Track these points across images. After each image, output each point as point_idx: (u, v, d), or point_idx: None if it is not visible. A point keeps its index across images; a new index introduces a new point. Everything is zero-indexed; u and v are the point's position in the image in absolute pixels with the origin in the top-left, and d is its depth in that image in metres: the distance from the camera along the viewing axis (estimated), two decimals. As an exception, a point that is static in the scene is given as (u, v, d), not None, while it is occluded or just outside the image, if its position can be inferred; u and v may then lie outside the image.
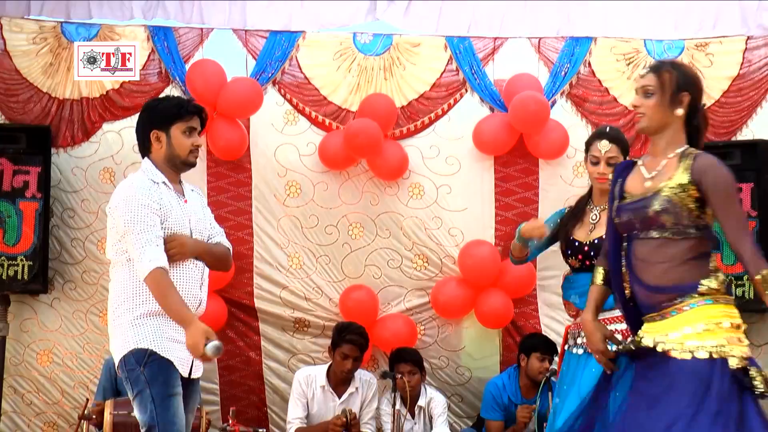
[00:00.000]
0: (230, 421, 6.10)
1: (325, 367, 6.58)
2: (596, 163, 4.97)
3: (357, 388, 6.55)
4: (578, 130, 7.03)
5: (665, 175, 3.87)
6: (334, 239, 7.04)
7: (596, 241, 4.94)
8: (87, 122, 6.93)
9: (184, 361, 4.18)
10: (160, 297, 4.07)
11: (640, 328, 3.91)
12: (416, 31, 7.11)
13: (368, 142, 6.79)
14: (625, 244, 3.93)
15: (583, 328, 4.19)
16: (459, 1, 7.01)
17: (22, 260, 6.70)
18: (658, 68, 3.94)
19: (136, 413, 4.14)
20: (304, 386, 6.51)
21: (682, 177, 3.82)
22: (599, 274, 4.06)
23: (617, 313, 4.77)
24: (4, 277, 6.67)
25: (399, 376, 6.26)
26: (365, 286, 7.00)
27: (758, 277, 3.66)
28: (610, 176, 4.82)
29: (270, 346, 7.02)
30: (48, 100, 6.92)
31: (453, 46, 7.07)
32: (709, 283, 3.81)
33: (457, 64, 7.06)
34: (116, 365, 4.18)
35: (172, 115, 4.23)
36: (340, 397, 6.51)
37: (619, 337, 4.53)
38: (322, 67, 7.07)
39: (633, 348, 3.87)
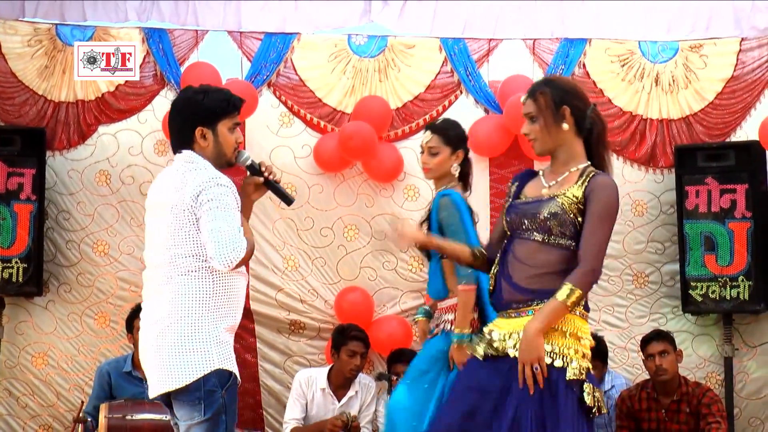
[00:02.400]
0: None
1: (326, 369, 6.58)
2: (422, 153, 5.25)
3: (357, 392, 6.55)
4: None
5: (564, 185, 3.96)
6: (330, 241, 7.05)
7: None
8: (83, 125, 6.92)
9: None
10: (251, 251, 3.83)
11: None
12: (411, 32, 7.11)
13: (363, 145, 6.79)
14: (506, 241, 4.03)
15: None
16: (453, 3, 7.02)
17: (16, 262, 6.69)
18: (533, 92, 4.02)
19: None
20: (304, 387, 6.51)
21: (577, 190, 3.91)
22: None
23: (448, 303, 5.12)
24: (-2, 279, 6.67)
25: (395, 377, 6.26)
26: (360, 287, 7.00)
27: (575, 290, 3.75)
28: (432, 166, 5.19)
29: (265, 348, 7.02)
30: (44, 103, 6.91)
31: (447, 47, 7.07)
32: None
33: (452, 66, 7.07)
34: (185, 384, 3.71)
35: (220, 111, 3.89)
36: (339, 401, 6.51)
37: (448, 326, 5.07)
38: (317, 69, 7.08)
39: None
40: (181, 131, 3.91)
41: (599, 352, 6.47)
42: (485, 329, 4.02)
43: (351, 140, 6.78)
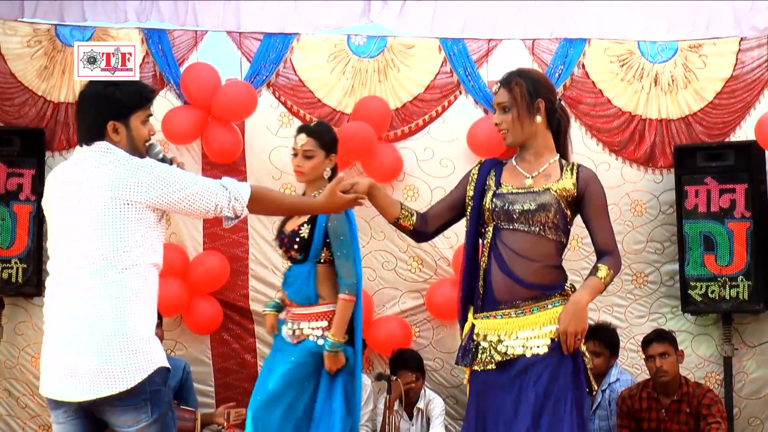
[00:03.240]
0: (225, 424, 6.09)
1: (319, 369, 6.59)
2: (295, 155, 5.19)
3: (352, 390, 6.55)
4: (572, 132, 6.95)
5: (550, 177, 4.03)
6: (329, 241, 7.04)
7: (290, 232, 5.14)
8: (82, 125, 6.92)
9: None
10: (277, 207, 3.93)
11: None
12: (410, 32, 7.11)
13: (362, 145, 6.79)
14: (488, 233, 4.03)
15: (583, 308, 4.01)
16: (453, 3, 7.02)
17: (16, 263, 6.69)
18: (507, 82, 4.08)
19: None
20: (298, 389, 6.51)
21: (568, 181, 4.00)
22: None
23: (317, 309, 5.05)
24: (-2, 280, 6.67)
25: (394, 378, 6.26)
26: (360, 288, 7.00)
27: (611, 272, 3.95)
28: (306, 169, 5.09)
29: (265, 349, 6.99)
30: (43, 104, 6.91)
31: (447, 47, 7.08)
32: (571, 288, 4.04)
33: (451, 66, 7.07)
34: (132, 386, 3.53)
35: (133, 104, 3.73)
36: (333, 399, 6.51)
37: (319, 332, 5.00)
38: (317, 69, 7.08)
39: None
40: (92, 125, 3.72)
41: (609, 343, 6.51)
42: (478, 336, 4.02)
43: (350, 141, 6.76)
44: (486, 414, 3.95)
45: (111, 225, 3.57)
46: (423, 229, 4.17)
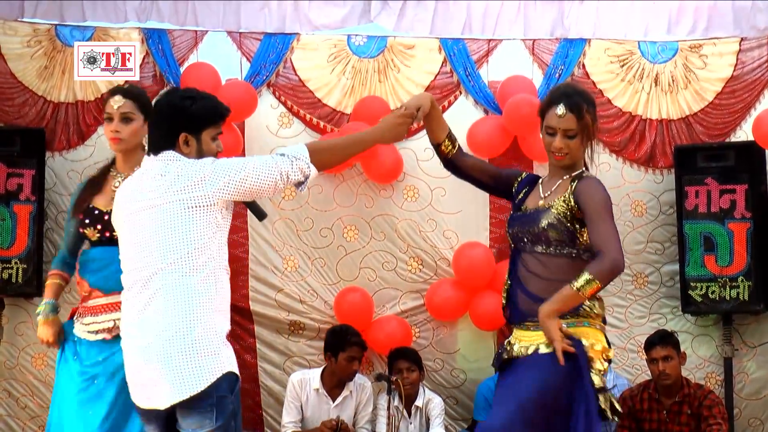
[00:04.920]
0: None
1: (319, 370, 6.59)
2: (109, 121, 4.61)
3: (351, 392, 6.55)
4: (572, 132, 7.04)
5: (558, 194, 4.07)
6: (329, 242, 7.05)
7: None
8: (82, 125, 6.92)
9: None
10: (339, 151, 3.93)
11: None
12: (410, 33, 7.11)
13: (362, 145, 6.78)
14: (512, 254, 4.17)
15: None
16: (453, 3, 7.02)
17: (16, 263, 6.68)
18: (578, 109, 4.06)
19: None
20: (298, 389, 6.51)
21: (568, 196, 4.02)
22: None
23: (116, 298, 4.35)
24: (-2, 280, 6.66)
25: (394, 378, 6.26)
26: (360, 288, 7.00)
27: (593, 279, 3.83)
28: (125, 135, 4.55)
29: (265, 349, 7.02)
30: (43, 104, 6.91)
31: (447, 48, 7.08)
32: (592, 308, 4.03)
33: (452, 66, 7.07)
34: (201, 389, 3.57)
35: (208, 120, 3.79)
36: (334, 401, 6.51)
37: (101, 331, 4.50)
38: (317, 69, 7.08)
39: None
40: (165, 136, 3.78)
41: None
42: (509, 344, 4.15)
43: (350, 141, 6.77)
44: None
45: (179, 229, 3.63)
46: (458, 163, 4.32)
